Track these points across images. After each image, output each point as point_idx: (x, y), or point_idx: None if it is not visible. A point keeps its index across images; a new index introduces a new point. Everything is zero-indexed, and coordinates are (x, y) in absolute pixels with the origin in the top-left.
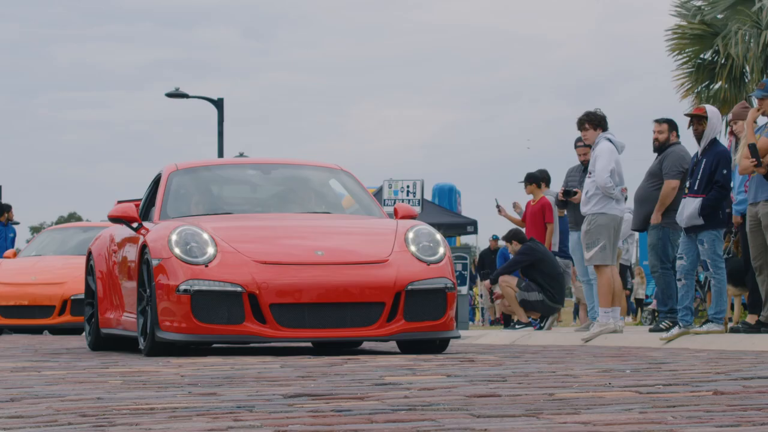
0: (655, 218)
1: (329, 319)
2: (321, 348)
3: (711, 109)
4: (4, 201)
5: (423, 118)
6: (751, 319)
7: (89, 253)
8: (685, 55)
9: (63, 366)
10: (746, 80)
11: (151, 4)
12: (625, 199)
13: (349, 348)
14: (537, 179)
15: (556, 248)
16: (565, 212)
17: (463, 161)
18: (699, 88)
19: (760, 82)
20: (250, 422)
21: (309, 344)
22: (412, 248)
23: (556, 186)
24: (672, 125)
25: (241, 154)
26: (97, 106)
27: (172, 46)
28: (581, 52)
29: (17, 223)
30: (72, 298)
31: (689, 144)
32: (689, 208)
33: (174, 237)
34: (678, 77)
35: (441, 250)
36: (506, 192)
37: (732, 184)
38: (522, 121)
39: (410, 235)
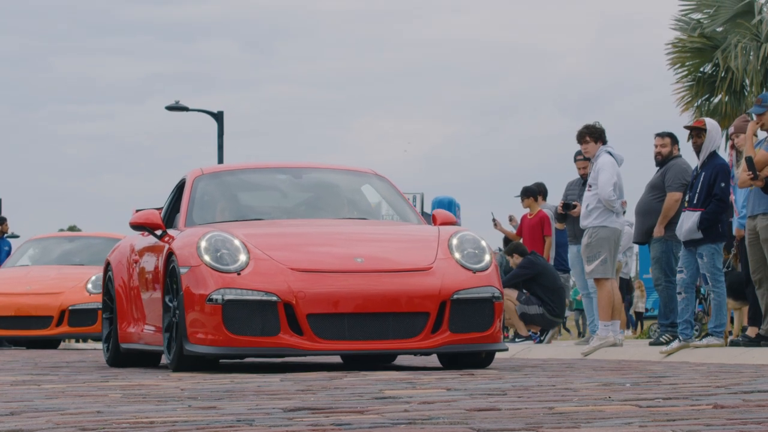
0: (658, 231)
1: (370, 330)
2: (354, 362)
3: (710, 122)
4: (3, 214)
5: (423, 131)
6: (751, 332)
7: (107, 264)
8: (685, 68)
9: (63, 379)
10: (746, 93)
11: (151, 17)
12: (624, 212)
13: (386, 362)
14: (534, 193)
15: (552, 262)
16: (564, 225)
17: (463, 174)
18: (699, 102)
19: (756, 98)
20: None
21: (338, 358)
22: (457, 255)
23: (554, 199)
24: (674, 139)
25: None
26: (97, 119)
27: (172, 59)
28: (581, 65)
29: (17, 236)
30: (70, 308)
31: (689, 157)
32: (688, 221)
33: (203, 243)
34: (678, 90)
35: (487, 258)
36: (506, 205)
37: (734, 198)
38: (522, 134)
39: (454, 241)
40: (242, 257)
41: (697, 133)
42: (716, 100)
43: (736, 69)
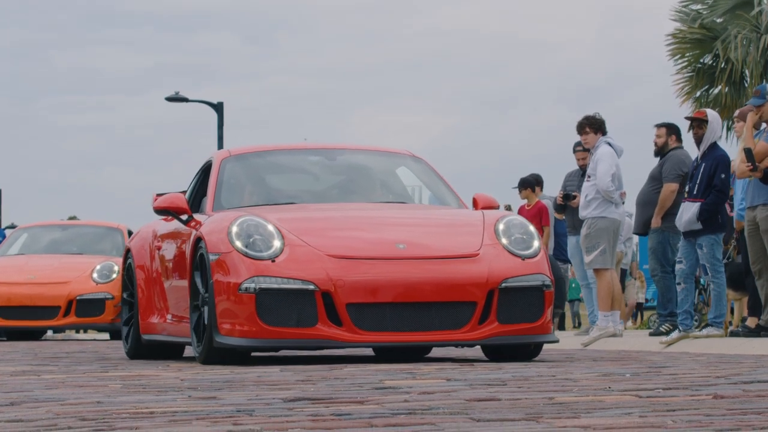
0: (655, 222)
1: (414, 321)
2: (387, 353)
3: (711, 113)
4: (4, 205)
5: (424, 123)
6: (750, 322)
7: (127, 251)
8: (685, 59)
9: (63, 370)
10: (746, 84)
11: (151, 9)
12: (623, 203)
13: (422, 353)
14: (531, 184)
15: (551, 252)
16: (564, 216)
17: (463, 165)
18: (699, 93)
19: (755, 89)
20: (250, 426)
21: (369, 350)
22: (504, 241)
23: (552, 190)
24: (671, 129)
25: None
26: (98, 111)
27: (173, 50)
28: (582, 56)
29: (14, 226)
30: (78, 298)
31: (690, 148)
32: (688, 212)
33: (234, 229)
34: (678, 81)
35: (536, 243)
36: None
37: (734, 190)
38: (522, 125)
39: (500, 226)
40: (276, 243)
41: (698, 124)
42: (716, 91)
43: (736, 60)
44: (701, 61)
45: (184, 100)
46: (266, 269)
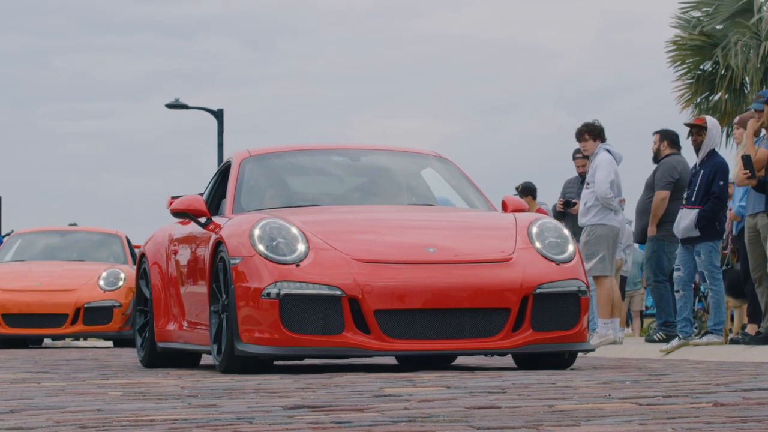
0: (651, 230)
1: (444, 328)
2: (409, 362)
3: (711, 120)
4: (3, 212)
5: (424, 128)
6: (751, 329)
7: (141, 256)
8: (685, 66)
9: (62, 377)
10: (746, 91)
11: (151, 15)
12: (623, 210)
13: (446, 362)
14: (533, 191)
15: None
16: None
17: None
18: (699, 99)
19: (757, 94)
20: None
21: (391, 359)
22: (537, 245)
23: (551, 197)
24: (663, 135)
25: None
26: (97, 117)
27: (173, 56)
28: (581, 62)
29: (9, 233)
30: (86, 306)
31: (690, 154)
32: (686, 219)
33: (257, 231)
34: (678, 88)
35: (570, 248)
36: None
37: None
38: (522, 131)
39: (534, 229)
40: (301, 247)
41: (697, 130)
42: (716, 98)
43: (736, 67)
44: (701, 67)
45: (184, 106)
46: (290, 274)
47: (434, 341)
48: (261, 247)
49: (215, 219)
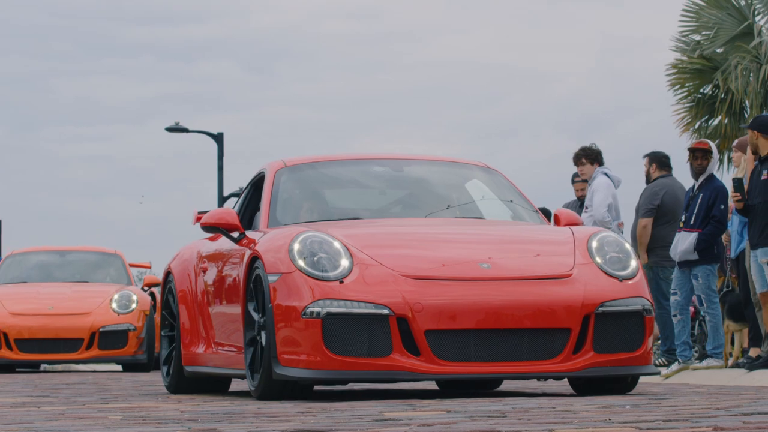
0: (642, 258)
1: (500, 350)
2: (452, 385)
3: (713, 145)
4: (3, 235)
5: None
6: (752, 353)
7: (167, 274)
8: (684, 89)
9: (62, 401)
10: (746, 115)
11: (152, 38)
12: (621, 233)
13: (491, 387)
14: None
15: None
16: None
17: None
18: (698, 123)
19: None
20: None
21: (427, 384)
22: (598, 260)
23: None
24: (653, 158)
25: (241, 188)
26: (98, 141)
27: (173, 79)
28: (581, 86)
29: None
30: (101, 330)
31: (684, 178)
32: (684, 242)
33: (296, 246)
34: (678, 112)
35: (633, 263)
36: None
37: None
38: (522, 156)
39: (593, 243)
40: (344, 262)
41: (702, 154)
42: (716, 121)
43: (736, 90)
44: (701, 91)
45: (184, 130)
46: (333, 291)
47: (489, 364)
48: (301, 263)
49: (249, 233)
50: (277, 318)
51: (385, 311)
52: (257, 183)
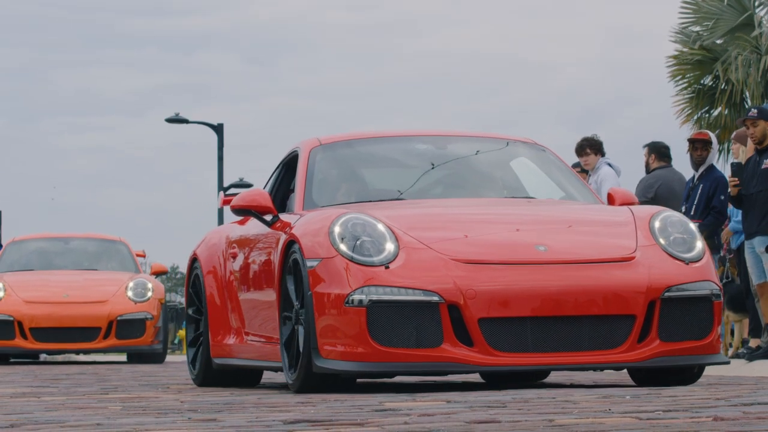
0: None
1: (560, 339)
2: (498, 378)
3: (713, 136)
4: (3, 226)
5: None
6: (752, 344)
7: (193, 260)
8: (685, 80)
9: (62, 392)
10: (746, 105)
11: (152, 30)
12: None
13: (537, 379)
14: None
15: None
16: None
17: None
18: (699, 114)
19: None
20: None
21: (475, 377)
22: (662, 241)
23: None
24: (652, 149)
25: (241, 179)
26: (98, 132)
27: (173, 71)
28: (582, 77)
29: None
30: (119, 318)
31: (685, 168)
32: None
33: (337, 229)
34: (678, 103)
35: (699, 245)
36: None
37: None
38: None
39: (656, 223)
40: (389, 246)
41: (703, 145)
42: (716, 112)
43: (737, 81)
44: (701, 82)
45: (184, 121)
46: (378, 277)
47: (548, 354)
48: (343, 247)
49: (283, 216)
50: (317, 307)
51: (435, 298)
52: (289, 163)
